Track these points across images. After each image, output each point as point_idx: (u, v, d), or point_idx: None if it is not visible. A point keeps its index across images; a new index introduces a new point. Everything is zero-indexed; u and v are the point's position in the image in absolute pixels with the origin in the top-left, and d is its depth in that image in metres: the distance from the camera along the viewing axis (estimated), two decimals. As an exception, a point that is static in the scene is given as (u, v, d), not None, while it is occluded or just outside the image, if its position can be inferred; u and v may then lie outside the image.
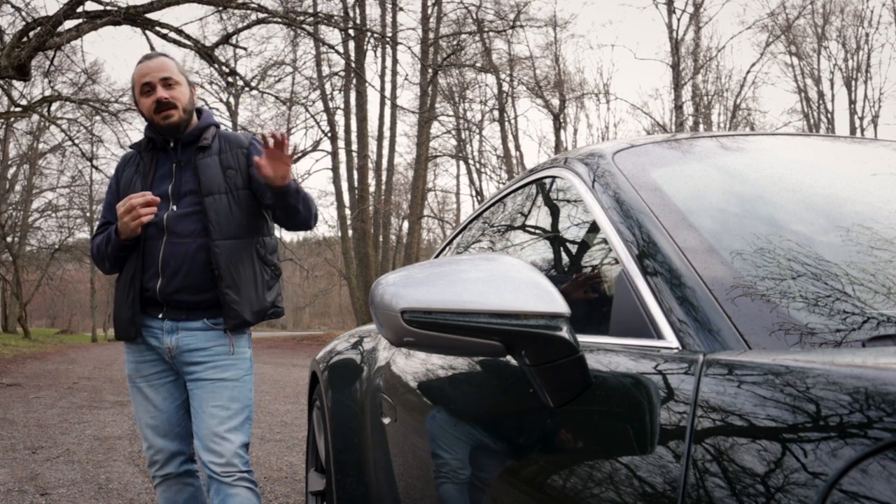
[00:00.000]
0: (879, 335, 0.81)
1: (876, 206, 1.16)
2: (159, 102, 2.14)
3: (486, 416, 1.24)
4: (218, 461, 2.06)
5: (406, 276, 0.95)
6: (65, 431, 5.65)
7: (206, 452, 2.08)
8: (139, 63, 2.20)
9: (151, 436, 2.20)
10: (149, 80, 2.16)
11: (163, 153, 2.23)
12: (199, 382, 2.12)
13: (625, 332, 1.01)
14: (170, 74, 2.18)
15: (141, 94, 2.19)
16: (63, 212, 28.36)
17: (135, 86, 2.21)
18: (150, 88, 2.17)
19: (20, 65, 9.35)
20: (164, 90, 2.16)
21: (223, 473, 2.05)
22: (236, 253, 2.13)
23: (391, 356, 1.87)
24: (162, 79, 2.16)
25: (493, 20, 20.07)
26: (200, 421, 2.10)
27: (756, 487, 0.61)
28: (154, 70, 2.17)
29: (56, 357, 15.01)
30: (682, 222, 1.05)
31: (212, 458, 2.07)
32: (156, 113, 2.15)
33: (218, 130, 2.29)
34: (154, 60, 2.20)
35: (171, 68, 2.20)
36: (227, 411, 2.09)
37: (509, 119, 24.32)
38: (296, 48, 20.62)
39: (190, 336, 2.12)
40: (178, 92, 2.20)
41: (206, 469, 2.09)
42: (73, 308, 45.08)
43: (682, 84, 22.15)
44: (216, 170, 2.19)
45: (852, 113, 24.02)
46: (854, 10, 24.34)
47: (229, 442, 2.07)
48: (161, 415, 2.19)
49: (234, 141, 2.27)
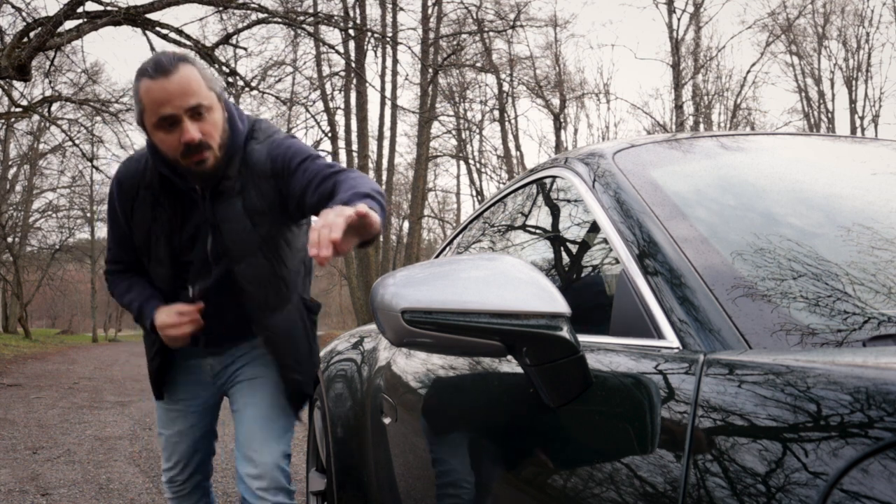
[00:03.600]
0: (880, 335, 0.81)
1: (876, 206, 1.17)
2: (189, 146, 1.59)
3: (487, 415, 1.24)
4: (254, 472, 1.81)
5: (406, 276, 0.95)
6: (65, 432, 5.65)
7: (243, 462, 1.84)
8: (150, 77, 1.56)
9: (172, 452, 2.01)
10: (171, 113, 1.56)
11: (185, 197, 1.73)
12: (240, 384, 1.90)
13: (625, 332, 1.01)
14: (199, 100, 1.58)
15: (156, 127, 1.60)
16: (64, 212, 28.38)
17: (145, 110, 1.59)
18: (171, 122, 1.58)
19: (21, 65, 9.36)
20: (193, 125, 1.58)
21: (258, 490, 1.80)
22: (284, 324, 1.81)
23: (391, 356, 1.87)
24: (189, 108, 1.57)
25: (493, 20, 20.07)
26: (240, 424, 1.88)
27: (757, 487, 0.61)
28: (176, 95, 1.55)
29: (57, 357, 15.02)
30: (683, 222, 1.05)
31: (248, 468, 1.82)
32: (184, 157, 1.60)
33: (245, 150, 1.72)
34: (174, 78, 1.55)
35: (197, 88, 1.58)
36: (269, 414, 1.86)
37: (509, 119, 24.31)
38: (296, 48, 20.61)
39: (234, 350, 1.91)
40: (212, 122, 1.62)
41: (240, 486, 1.84)
42: (74, 308, 45.11)
43: (683, 84, 22.14)
44: (241, 223, 1.69)
45: (853, 112, 24.01)
46: (854, 10, 24.34)
47: (268, 450, 1.83)
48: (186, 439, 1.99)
49: (257, 166, 1.70)
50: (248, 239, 1.70)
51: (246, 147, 1.72)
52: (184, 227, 1.74)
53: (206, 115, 1.60)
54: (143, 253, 1.80)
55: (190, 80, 1.57)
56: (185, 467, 2.02)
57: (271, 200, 1.70)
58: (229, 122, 1.69)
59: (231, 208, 1.70)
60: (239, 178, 1.70)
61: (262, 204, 1.70)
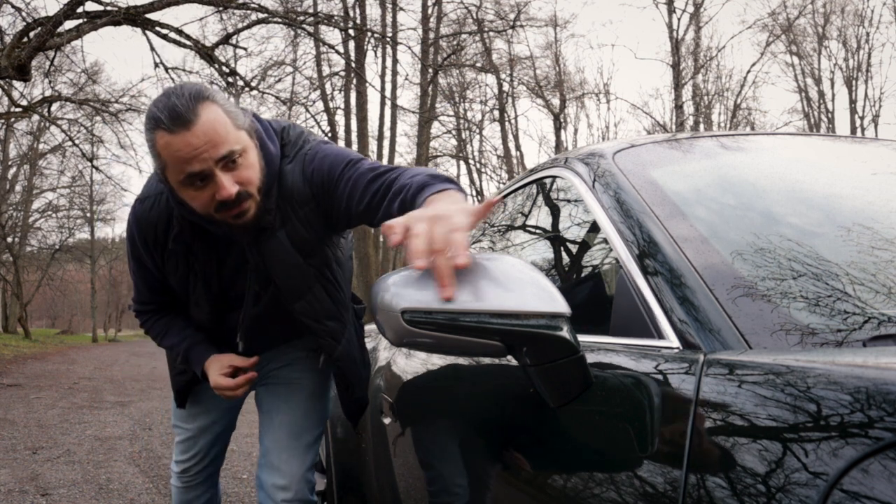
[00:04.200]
0: (880, 335, 0.81)
1: (876, 206, 1.16)
2: (224, 203, 1.36)
3: (487, 415, 1.24)
4: (280, 482, 1.72)
5: (406, 276, 0.95)
6: (65, 432, 5.65)
7: (268, 470, 1.74)
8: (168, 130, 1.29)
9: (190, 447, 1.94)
10: (199, 170, 1.31)
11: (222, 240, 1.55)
12: (275, 386, 1.81)
13: (625, 332, 1.01)
14: (230, 146, 1.33)
15: (183, 185, 1.35)
16: (63, 212, 28.37)
17: (167, 166, 1.34)
18: (201, 178, 1.33)
19: (20, 65, 9.35)
20: (227, 176, 1.34)
21: (283, 501, 1.71)
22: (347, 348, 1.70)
23: (391, 356, 1.87)
24: (220, 159, 1.33)
25: (493, 20, 20.07)
26: (268, 430, 1.78)
27: (757, 487, 0.61)
28: (203, 149, 1.30)
29: (56, 357, 15.01)
30: (683, 222, 1.05)
31: (274, 478, 1.73)
32: (219, 212, 1.38)
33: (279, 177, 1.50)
34: (197, 130, 1.29)
35: (225, 133, 1.33)
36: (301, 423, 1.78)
37: (509, 119, 24.32)
38: (296, 48, 20.61)
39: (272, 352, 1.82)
40: (247, 166, 1.38)
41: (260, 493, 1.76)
42: (74, 308, 45.12)
43: (683, 84, 22.14)
44: (293, 258, 1.51)
45: (853, 112, 24.01)
46: (855, 10, 24.34)
47: (296, 460, 1.74)
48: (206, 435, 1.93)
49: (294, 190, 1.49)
50: (302, 274, 1.54)
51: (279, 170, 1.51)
52: (222, 271, 1.59)
53: (239, 160, 1.36)
54: (180, 294, 1.66)
55: (216, 126, 1.31)
56: (202, 460, 1.97)
57: (316, 225, 1.52)
58: (263, 155, 1.45)
59: (278, 245, 1.50)
60: (279, 210, 1.49)
61: (308, 233, 1.52)
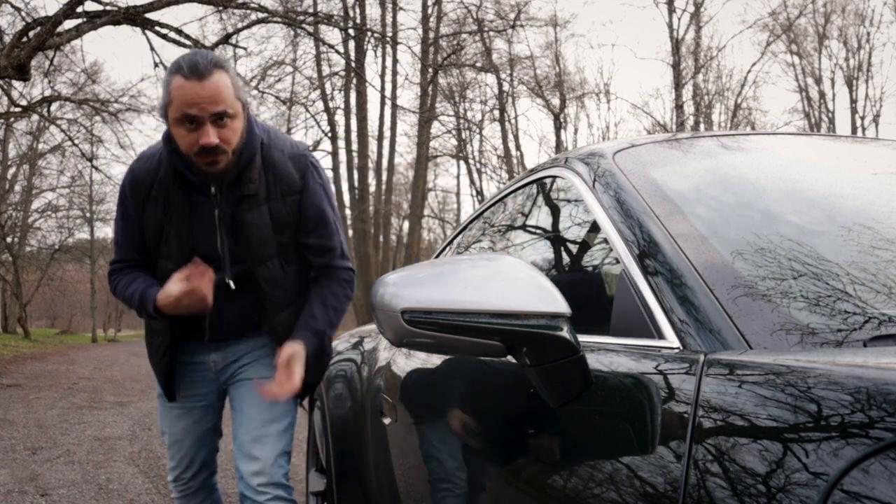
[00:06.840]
0: (881, 335, 0.81)
1: (877, 206, 1.16)
2: (205, 148, 1.65)
3: (487, 416, 1.24)
4: (254, 468, 1.83)
5: (406, 276, 0.95)
6: (65, 432, 5.65)
7: (243, 459, 1.85)
8: (184, 76, 1.62)
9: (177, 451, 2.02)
10: (195, 114, 1.62)
11: (197, 193, 1.78)
12: (242, 382, 1.92)
13: (625, 332, 1.01)
14: (225, 107, 1.64)
15: (178, 122, 1.65)
16: (63, 212, 28.34)
17: (171, 103, 1.65)
18: (194, 122, 1.64)
19: (20, 65, 9.35)
20: (214, 130, 1.64)
21: (258, 486, 1.81)
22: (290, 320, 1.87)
23: (391, 356, 1.87)
24: (215, 114, 1.63)
25: (493, 20, 20.08)
26: (240, 423, 1.90)
27: (757, 487, 0.61)
28: (205, 99, 1.61)
29: (56, 357, 15.01)
30: (683, 222, 1.05)
31: (248, 465, 1.84)
32: (197, 155, 1.67)
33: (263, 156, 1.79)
34: (207, 84, 1.62)
35: (227, 95, 1.65)
36: (269, 413, 1.87)
37: (509, 119, 24.33)
38: (296, 48, 20.61)
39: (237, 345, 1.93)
40: (232, 129, 1.68)
41: (240, 483, 1.86)
42: (73, 308, 45.09)
43: (683, 83, 22.14)
44: (266, 230, 1.79)
45: (853, 112, 24.02)
46: (855, 9, 24.35)
47: (268, 447, 1.85)
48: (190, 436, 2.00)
49: (283, 176, 1.80)
50: (268, 244, 1.80)
51: (264, 151, 1.80)
52: (196, 224, 1.79)
53: (228, 122, 1.66)
54: (153, 248, 1.83)
55: (221, 87, 1.63)
56: (191, 465, 2.03)
57: (295, 216, 1.83)
58: (248, 128, 1.75)
59: (260, 216, 1.78)
60: (263, 183, 1.78)
61: (289, 219, 1.82)
